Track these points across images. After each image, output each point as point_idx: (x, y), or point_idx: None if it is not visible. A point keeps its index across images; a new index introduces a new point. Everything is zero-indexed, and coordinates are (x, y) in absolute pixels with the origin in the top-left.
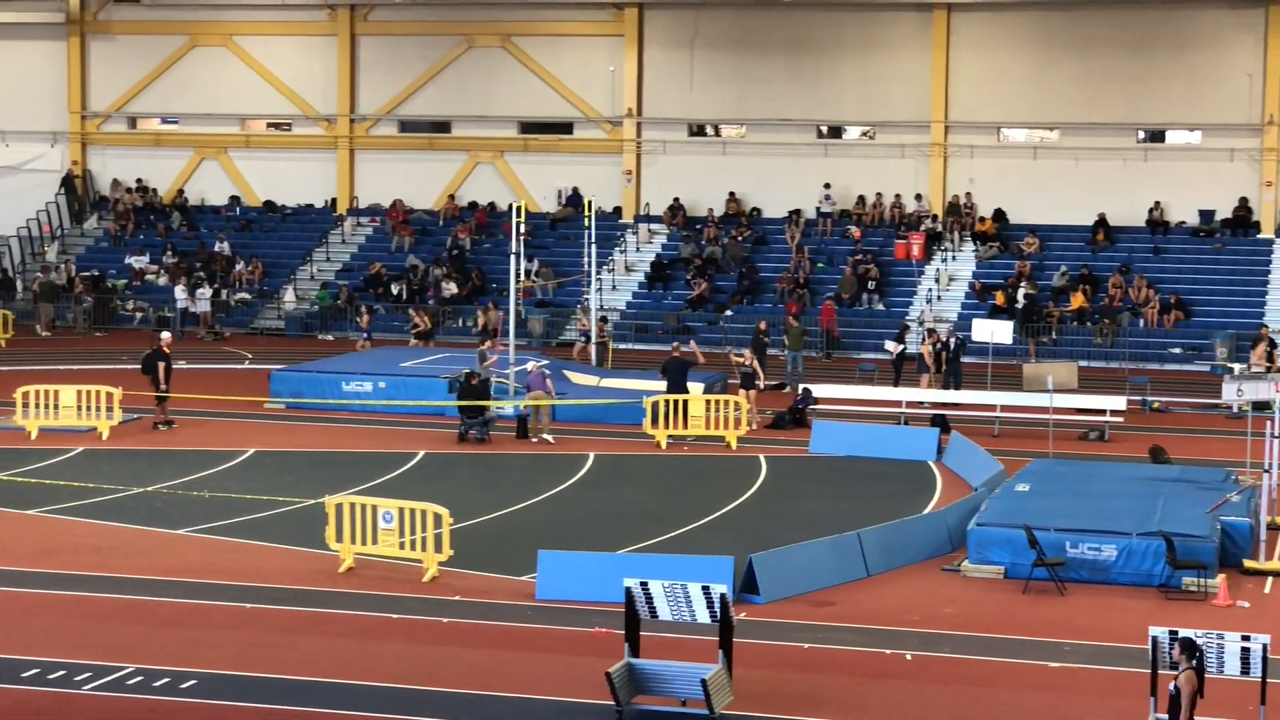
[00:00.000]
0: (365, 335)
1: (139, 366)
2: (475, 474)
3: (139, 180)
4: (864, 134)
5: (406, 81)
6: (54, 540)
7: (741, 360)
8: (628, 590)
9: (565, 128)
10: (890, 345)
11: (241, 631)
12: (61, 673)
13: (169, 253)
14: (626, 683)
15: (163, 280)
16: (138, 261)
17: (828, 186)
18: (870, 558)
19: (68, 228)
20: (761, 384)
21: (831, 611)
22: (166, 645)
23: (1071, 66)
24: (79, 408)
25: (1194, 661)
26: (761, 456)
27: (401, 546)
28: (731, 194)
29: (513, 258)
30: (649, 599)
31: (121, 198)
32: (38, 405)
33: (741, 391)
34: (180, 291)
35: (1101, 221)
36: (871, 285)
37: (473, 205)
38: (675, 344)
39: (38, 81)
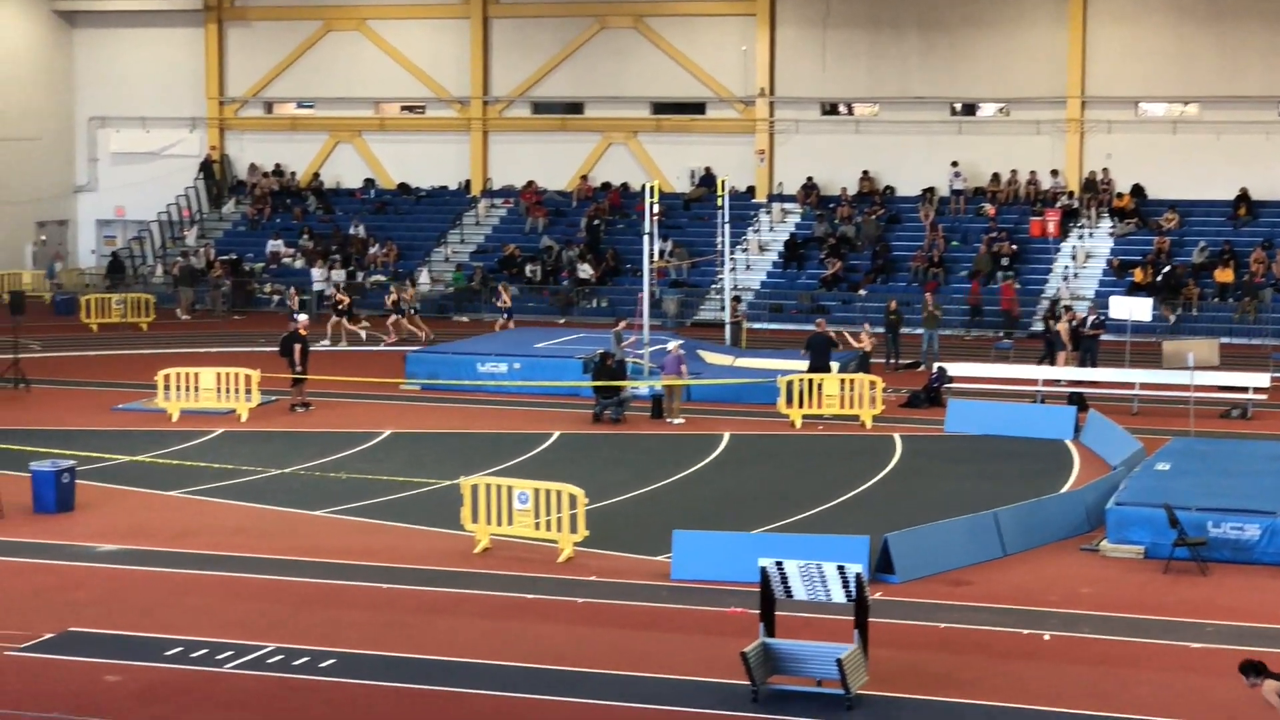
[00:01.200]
0: (505, 315)
1: (277, 349)
2: (610, 454)
3: (275, 164)
4: (999, 110)
5: (539, 63)
6: (195, 521)
7: (860, 343)
8: (763, 570)
9: (698, 108)
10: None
11: (379, 611)
12: (204, 651)
13: (305, 236)
14: (762, 662)
15: (299, 263)
16: (275, 245)
17: (955, 165)
18: (1007, 537)
19: (206, 212)
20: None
21: (968, 591)
22: (306, 625)
23: (1211, 39)
24: (218, 390)
25: (1264, 677)
26: (896, 436)
27: (537, 527)
28: (865, 173)
29: (646, 238)
30: (784, 579)
31: (259, 182)
32: (178, 388)
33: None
34: (317, 274)
35: (1243, 196)
36: (1006, 263)
37: (606, 186)
38: (819, 320)
39: (177, 68)
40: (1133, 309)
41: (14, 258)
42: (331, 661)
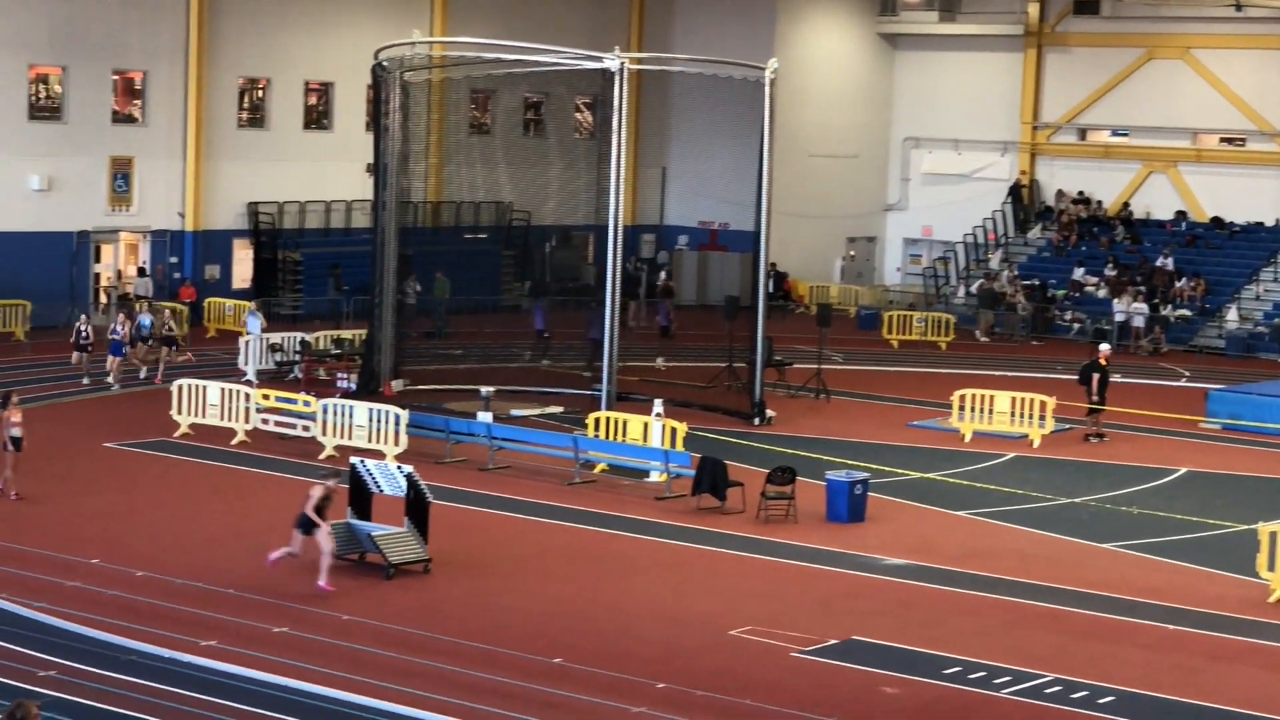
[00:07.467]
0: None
1: (1075, 377)
2: None
3: (1081, 192)
4: None
5: None
6: (981, 543)
7: None
8: None
9: None
10: None
11: (1163, 653)
12: (982, 674)
13: (1110, 265)
14: None
15: (1102, 293)
16: (1078, 273)
17: None
18: None
19: (1012, 236)
20: None
21: None
22: (1085, 658)
23: None
24: (1012, 414)
25: None
26: None
27: None
28: None
29: None
30: None
31: (1066, 208)
32: (973, 409)
33: None
34: (1118, 305)
35: None
36: None
37: None
38: None
39: (992, 92)
40: None
41: (824, 271)
42: (1110, 699)
